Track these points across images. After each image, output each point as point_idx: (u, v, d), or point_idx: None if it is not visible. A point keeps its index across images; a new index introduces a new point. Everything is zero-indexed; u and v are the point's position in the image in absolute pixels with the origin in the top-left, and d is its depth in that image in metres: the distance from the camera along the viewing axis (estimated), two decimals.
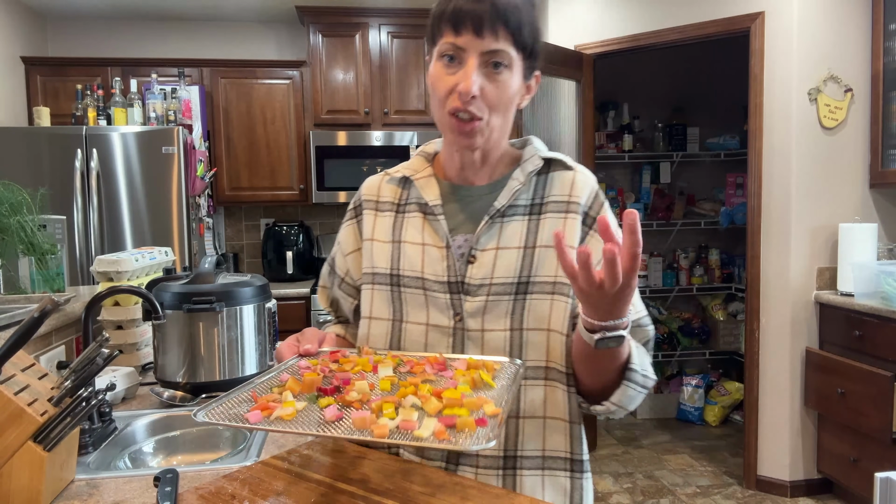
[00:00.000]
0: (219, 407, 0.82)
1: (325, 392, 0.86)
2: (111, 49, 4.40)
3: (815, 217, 3.20)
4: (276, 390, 0.88)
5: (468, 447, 0.71)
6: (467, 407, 0.79)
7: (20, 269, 1.94)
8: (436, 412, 0.79)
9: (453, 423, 0.75)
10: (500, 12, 0.92)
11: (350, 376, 0.90)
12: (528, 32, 0.94)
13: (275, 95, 4.28)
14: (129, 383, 1.57)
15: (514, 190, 1.01)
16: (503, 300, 0.98)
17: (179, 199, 3.57)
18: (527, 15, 0.95)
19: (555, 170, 1.05)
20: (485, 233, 1.00)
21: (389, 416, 0.78)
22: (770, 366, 3.30)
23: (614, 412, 0.95)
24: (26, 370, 1.01)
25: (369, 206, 1.10)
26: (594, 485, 3.40)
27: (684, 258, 4.59)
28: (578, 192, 1.02)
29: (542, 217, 1.01)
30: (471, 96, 0.92)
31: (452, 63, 0.95)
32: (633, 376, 0.91)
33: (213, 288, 1.53)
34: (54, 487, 0.99)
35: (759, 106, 3.25)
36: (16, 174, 2.98)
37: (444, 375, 0.90)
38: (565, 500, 1.00)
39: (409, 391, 0.84)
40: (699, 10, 3.40)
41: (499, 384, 0.88)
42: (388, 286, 1.04)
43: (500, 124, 0.98)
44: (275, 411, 0.80)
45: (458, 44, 0.93)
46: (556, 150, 3.63)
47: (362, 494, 0.88)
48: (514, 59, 0.95)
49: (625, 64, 4.30)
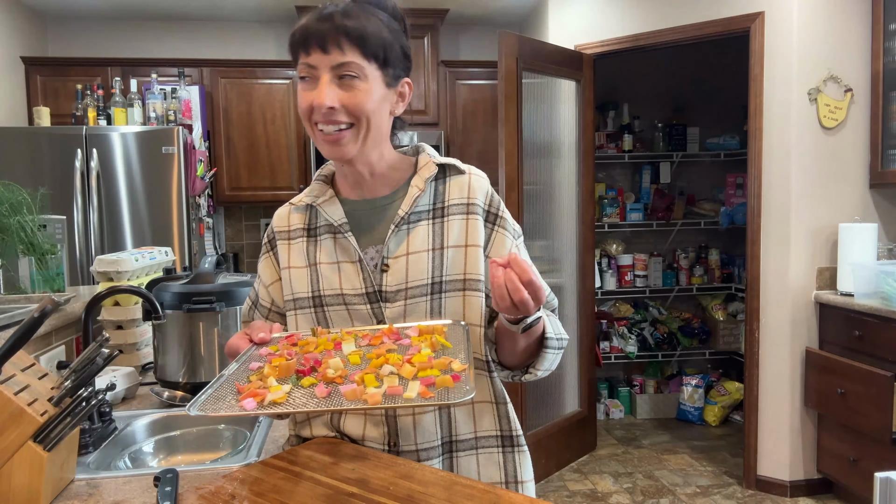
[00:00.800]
0: (210, 400, 0.84)
1: (303, 373, 0.89)
2: (111, 49, 4.40)
3: (815, 217, 3.20)
4: (254, 377, 0.90)
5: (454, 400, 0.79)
6: (437, 367, 0.87)
7: (20, 269, 1.94)
8: (412, 376, 0.86)
9: (433, 382, 0.83)
10: (341, 27, 0.98)
11: (318, 356, 0.94)
12: (375, 43, 1.00)
13: (275, 95, 4.28)
14: (129, 383, 1.57)
15: (414, 197, 1.07)
16: (420, 302, 1.05)
17: (179, 199, 3.57)
18: (373, 26, 1.00)
19: (450, 174, 1.11)
20: (393, 240, 1.06)
21: (374, 384, 0.84)
22: (770, 366, 3.30)
23: (540, 376, 1.05)
24: (26, 370, 1.01)
25: (282, 237, 1.15)
26: (594, 484, 3.42)
27: (684, 258, 4.59)
28: (475, 194, 1.09)
29: (446, 219, 1.07)
30: (326, 107, 0.99)
31: (309, 82, 1.01)
32: (550, 343, 1.01)
33: (213, 288, 1.53)
34: (54, 487, 0.99)
35: (758, 106, 3.25)
36: (16, 174, 2.98)
37: (404, 344, 0.96)
38: (500, 473, 1.09)
39: (382, 361, 0.90)
40: (699, 10, 3.40)
41: (454, 343, 0.95)
42: (311, 308, 1.09)
43: (370, 132, 1.03)
44: (266, 397, 0.83)
45: (309, 63, 1.00)
46: (556, 150, 3.65)
47: (362, 494, 0.88)
48: (366, 68, 1.00)
49: (625, 64, 4.30)
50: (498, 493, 0.90)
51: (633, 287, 4.53)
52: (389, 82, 1.04)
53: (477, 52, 4.74)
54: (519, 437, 1.12)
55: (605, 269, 4.47)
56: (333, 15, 0.99)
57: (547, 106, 3.63)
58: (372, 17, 1.01)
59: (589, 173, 3.82)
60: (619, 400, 4.52)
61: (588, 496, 3.31)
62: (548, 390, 3.69)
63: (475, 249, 1.06)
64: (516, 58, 3.27)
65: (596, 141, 4.10)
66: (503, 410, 1.10)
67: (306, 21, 1.01)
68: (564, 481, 3.49)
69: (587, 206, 3.82)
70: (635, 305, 4.70)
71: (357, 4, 1.03)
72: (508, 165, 3.27)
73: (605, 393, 4.52)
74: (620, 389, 4.54)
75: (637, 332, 4.52)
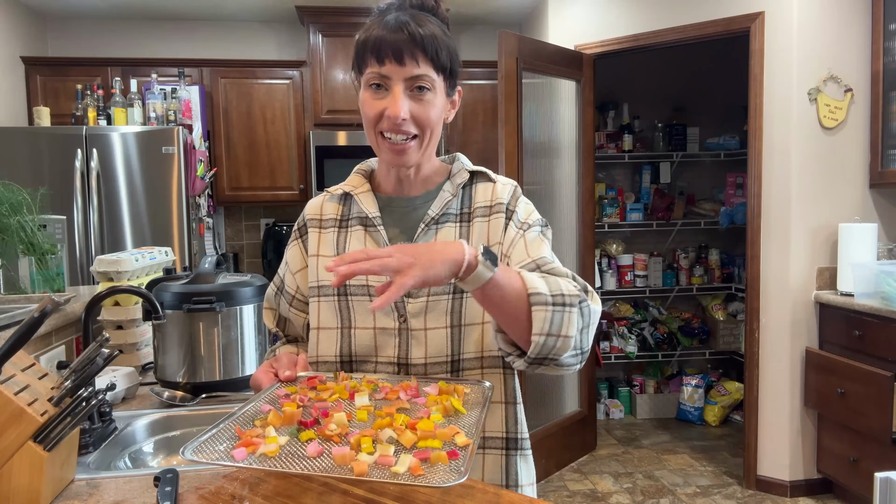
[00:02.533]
0: (205, 443, 0.85)
1: (305, 425, 0.89)
2: (111, 49, 4.40)
3: (814, 217, 3.20)
4: (258, 422, 0.91)
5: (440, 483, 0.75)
6: (440, 438, 0.84)
7: (20, 269, 1.94)
8: (411, 444, 0.83)
9: (427, 456, 0.80)
10: (417, 40, 1.00)
11: (328, 406, 0.94)
12: (445, 55, 1.03)
13: (275, 95, 4.28)
14: (129, 383, 1.57)
15: (445, 201, 1.10)
16: (442, 299, 1.06)
17: (179, 199, 3.57)
18: (442, 39, 1.03)
19: (479, 181, 1.14)
20: (421, 238, 1.09)
21: (367, 450, 0.82)
22: (770, 366, 3.30)
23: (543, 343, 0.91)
24: (26, 370, 1.01)
25: (313, 225, 1.17)
26: (594, 484, 3.42)
27: (684, 258, 4.59)
28: (499, 195, 1.11)
29: (472, 223, 1.10)
30: (401, 119, 1.01)
31: (379, 90, 1.03)
32: (538, 298, 0.91)
33: (213, 288, 1.53)
34: (54, 487, 0.99)
35: (758, 106, 3.25)
36: (16, 174, 2.98)
37: (418, 402, 0.95)
38: (501, 476, 1.09)
39: (386, 423, 0.88)
40: (699, 10, 3.40)
41: (469, 410, 0.93)
42: (335, 296, 1.11)
43: (432, 141, 1.07)
44: (259, 448, 0.83)
45: (382, 73, 1.01)
46: (556, 150, 3.65)
47: (362, 494, 0.88)
48: (436, 80, 1.03)
49: (625, 64, 4.30)
50: (498, 492, 0.90)
51: (633, 287, 4.53)
52: (449, 92, 1.08)
53: (477, 52, 4.74)
54: (524, 441, 1.12)
55: (605, 269, 4.47)
56: (408, 24, 1.00)
57: (547, 106, 3.63)
58: (436, 27, 1.03)
59: (589, 173, 3.82)
60: (619, 400, 4.52)
61: (588, 496, 3.31)
62: (548, 390, 3.70)
63: (497, 248, 1.08)
64: (516, 58, 3.27)
65: (596, 141, 4.10)
66: (512, 411, 1.10)
67: (379, 30, 1.01)
68: (564, 481, 3.49)
69: (587, 206, 3.82)
70: (635, 305, 4.70)
71: (413, 11, 1.04)
72: (508, 165, 3.27)
73: (605, 393, 4.52)
74: (620, 389, 4.54)
75: (637, 332, 4.52)
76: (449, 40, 1.05)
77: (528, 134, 3.41)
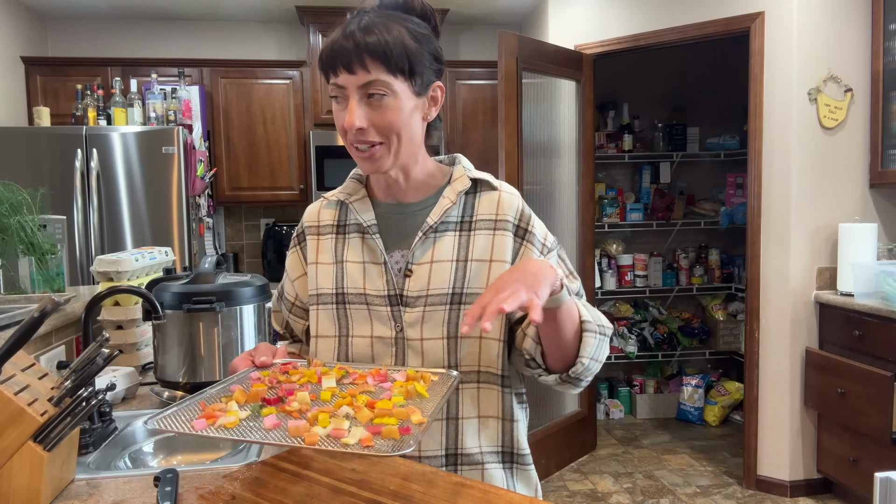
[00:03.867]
0: (171, 415, 0.87)
1: (268, 402, 0.91)
2: (111, 49, 4.40)
3: (814, 217, 3.20)
4: (224, 399, 0.93)
5: (384, 452, 0.77)
6: (396, 416, 0.85)
7: (20, 269, 1.94)
8: (366, 421, 0.84)
9: (379, 430, 0.81)
10: (362, 45, 0.98)
11: (294, 387, 0.95)
12: (399, 56, 0.99)
13: (275, 95, 4.28)
14: (129, 383, 1.57)
15: (445, 208, 1.08)
16: (439, 310, 1.05)
17: (179, 199, 3.57)
18: (394, 38, 0.99)
19: (482, 190, 1.12)
20: (419, 247, 1.08)
21: (323, 424, 0.83)
22: (770, 366, 3.30)
23: (588, 365, 1.00)
24: (26, 370, 1.01)
25: (311, 233, 1.17)
26: (594, 484, 3.42)
27: (684, 258, 4.59)
28: (505, 210, 1.09)
29: (473, 233, 1.08)
30: (356, 129, 1.00)
31: (340, 101, 1.02)
32: (588, 326, 1.01)
33: (213, 288, 1.53)
34: (54, 487, 0.99)
35: (758, 106, 3.25)
36: (16, 174, 2.97)
37: (384, 387, 0.96)
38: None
39: (346, 402, 0.89)
40: (699, 10, 3.40)
41: (432, 395, 0.93)
42: (333, 305, 1.11)
43: (402, 144, 1.03)
44: (219, 419, 0.85)
45: (338, 83, 1.01)
46: (556, 150, 3.66)
47: (362, 494, 0.88)
48: (393, 83, 1.00)
49: (625, 64, 4.30)
50: (498, 493, 0.90)
51: (633, 287, 4.53)
52: (419, 91, 1.04)
53: (477, 51, 4.74)
54: (521, 457, 1.10)
55: (605, 269, 4.47)
56: (354, 33, 0.99)
57: (547, 106, 3.63)
58: (395, 27, 1.00)
59: (589, 173, 3.82)
60: (619, 400, 4.52)
61: (588, 496, 3.31)
62: (548, 390, 3.70)
63: (500, 265, 1.06)
64: (516, 58, 3.27)
65: (596, 141, 4.09)
66: (508, 427, 1.09)
67: (332, 40, 1.01)
68: (564, 481, 3.49)
69: (587, 206, 3.82)
70: (635, 305, 4.70)
71: (380, 12, 1.03)
72: (508, 165, 3.27)
73: (605, 393, 4.52)
74: (620, 389, 4.54)
75: (637, 332, 4.52)
76: (410, 38, 1.01)
77: (528, 134, 3.41)
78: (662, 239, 4.67)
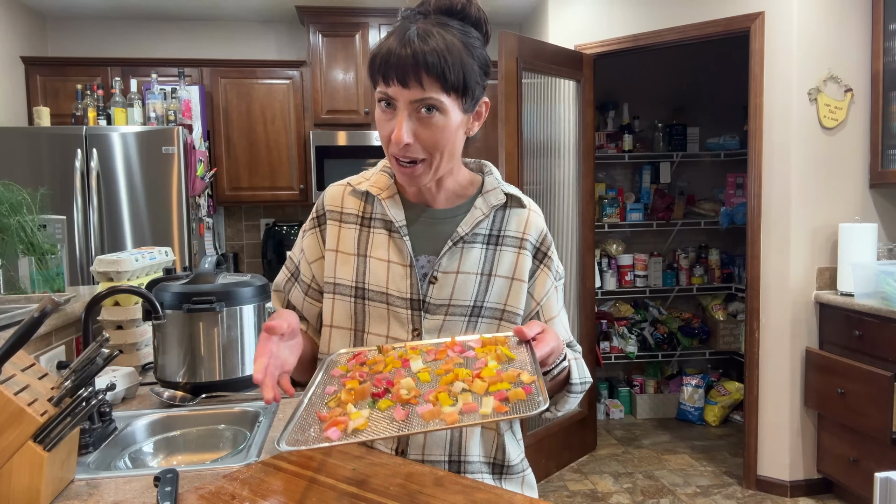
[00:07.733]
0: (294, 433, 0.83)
1: (378, 396, 0.89)
2: (111, 49, 4.40)
3: (815, 217, 3.20)
4: (332, 403, 0.90)
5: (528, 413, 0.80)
6: (506, 380, 0.87)
7: (20, 269, 1.94)
8: (483, 391, 0.85)
9: (506, 396, 0.83)
10: (421, 61, 0.94)
11: (389, 376, 0.93)
12: (454, 74, 0.96)
13: (275, 95, 4.28)
14: (129, 383, 1.57)
15: (477, 220, 1.08)
16: (458, 321, 1.07)
17: (179, 199, 3.57)
18: (453, 56, 0.96)
19: (512, 206, 1.13)
20: (447, 256, 1.07)
21: (448, 403, 0.84)
22: (770, 366, 3.30)
23: (556, 415, 1.09)
24: (26, 370, 1.01)
25: (333, 217, 1.13)
26: (594, 484, 3.42)
27: (684, 258, 4.59)
28: (530, 231, 1.12)
29: (500, 248, 1.10)
30: (403, 145, 0.98)
31: (388, 108, 1.00)
32: (573, 388, 1.08)
33: (213, 288, 1.53)
34: (54, 487, 0.99)
35: (759, 106, 3.25)
36: (16, 174, 2.97)
37: (468, 356, 0.96)
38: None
39: (451, 377, 0.90)
40: (699, 10, 3.40)
41: (518, 355, 0.95)
42: (352, 298, 1.09)
43: (444, 160, 1.03)
44: (348, 424, 0.83)
45: (388, 93, 0.98)
46: (556, 150, 3.65)
47: (362, 494, 0.88)
48: (446, 101, 0.98)
49: (625, 64, 4.30)
50: (498, 493, 0.90)
51: (633, 287, 4.53)
52: (467, 108, 1.02)
53: None
54: (511, 467, 1.12)
55: (605, 269, 4.47)
56: (412, 42, 0.95)
57: (547, 106, 3.63)
58: (453, 41, 0.97)
59: (589, 173, 3.82)
60: (619, 400, 4.51)
61: (588, 496, 3.31)
62: None
63: (520, 284, 1.09)
64: (516, 58, 3.27)
65: (596, 141, 4.09)
66: (501, 441, 1.11)
67: (387, 48, 0.97)
68: (564, 481, 3.49)
69: (587, 206, 3.82)
70: (635, 305, 4.70)
71: (437, 20, 1.00)
72: (508, 165, 3.27)
73: (605, 393, 4.52)
74: (620, 389, 4.54)
75: (637, 332, 4.52)
76: (466, 52, 0.99)
77: (528, 134, 3.41)
78: (662, 239, 4.67)
